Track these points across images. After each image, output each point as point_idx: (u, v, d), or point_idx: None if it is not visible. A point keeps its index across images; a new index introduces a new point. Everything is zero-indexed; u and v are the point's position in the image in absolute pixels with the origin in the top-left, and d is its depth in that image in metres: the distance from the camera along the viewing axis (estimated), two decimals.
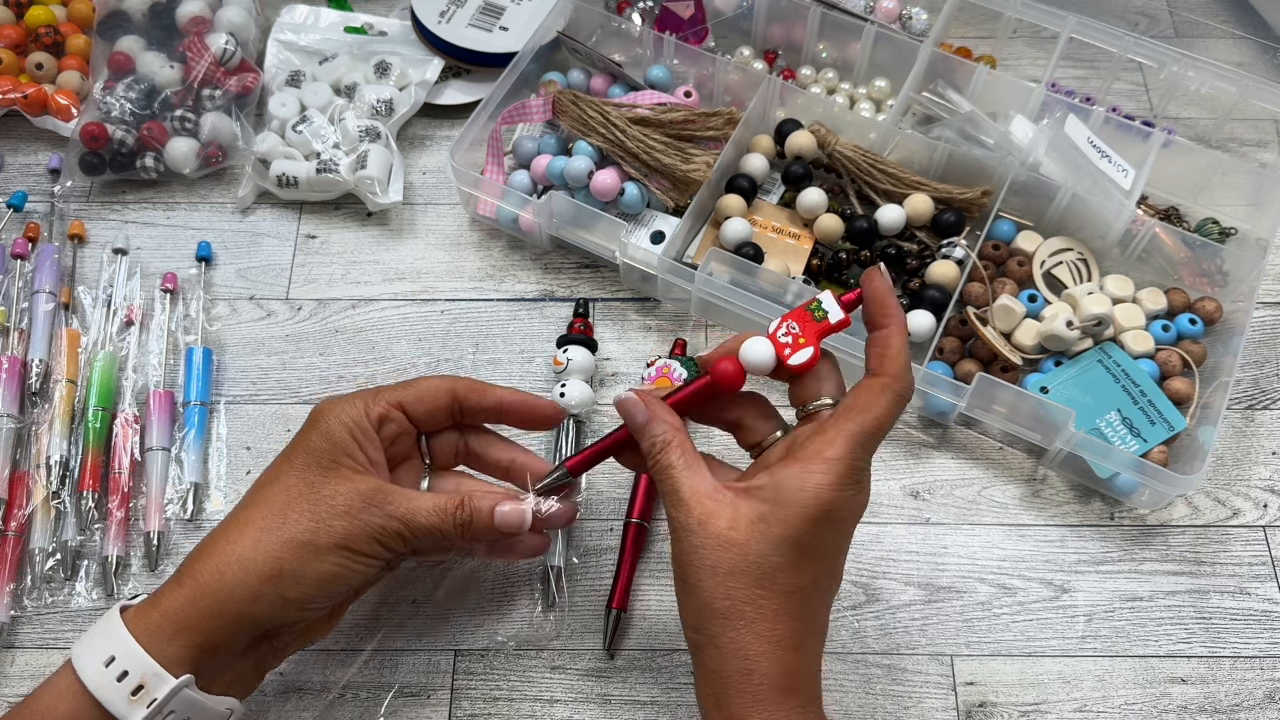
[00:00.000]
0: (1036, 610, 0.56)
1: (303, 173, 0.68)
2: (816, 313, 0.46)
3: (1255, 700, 0.54)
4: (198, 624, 0.43)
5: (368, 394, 0.49)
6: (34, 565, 0.56)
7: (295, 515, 0.45)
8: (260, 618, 0.44)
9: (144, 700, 0.42)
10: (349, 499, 0.45)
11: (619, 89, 0.72)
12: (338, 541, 0.44)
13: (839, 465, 0.42)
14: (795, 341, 0.46)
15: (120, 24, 0.73)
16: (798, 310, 0.47)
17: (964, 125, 0.69)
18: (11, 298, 0.64)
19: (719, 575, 0.42)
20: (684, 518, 0.43)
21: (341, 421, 0.47)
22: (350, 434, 0.47)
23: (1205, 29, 0.80)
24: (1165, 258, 0.65)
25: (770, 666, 0.42)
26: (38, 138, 0.73)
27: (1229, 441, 0.62)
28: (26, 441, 0.59)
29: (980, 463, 0.61)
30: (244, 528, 0.45)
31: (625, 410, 0.46)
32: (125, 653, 0.42)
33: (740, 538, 0.42)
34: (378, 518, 0.45)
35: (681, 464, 0.44)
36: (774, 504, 0.42)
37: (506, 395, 0.51)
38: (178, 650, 0.43)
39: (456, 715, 0.53)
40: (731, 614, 0.42)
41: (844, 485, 0.42)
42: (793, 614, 0.43)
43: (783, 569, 0.43)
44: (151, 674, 0.42)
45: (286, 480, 0.46)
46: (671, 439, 0.45)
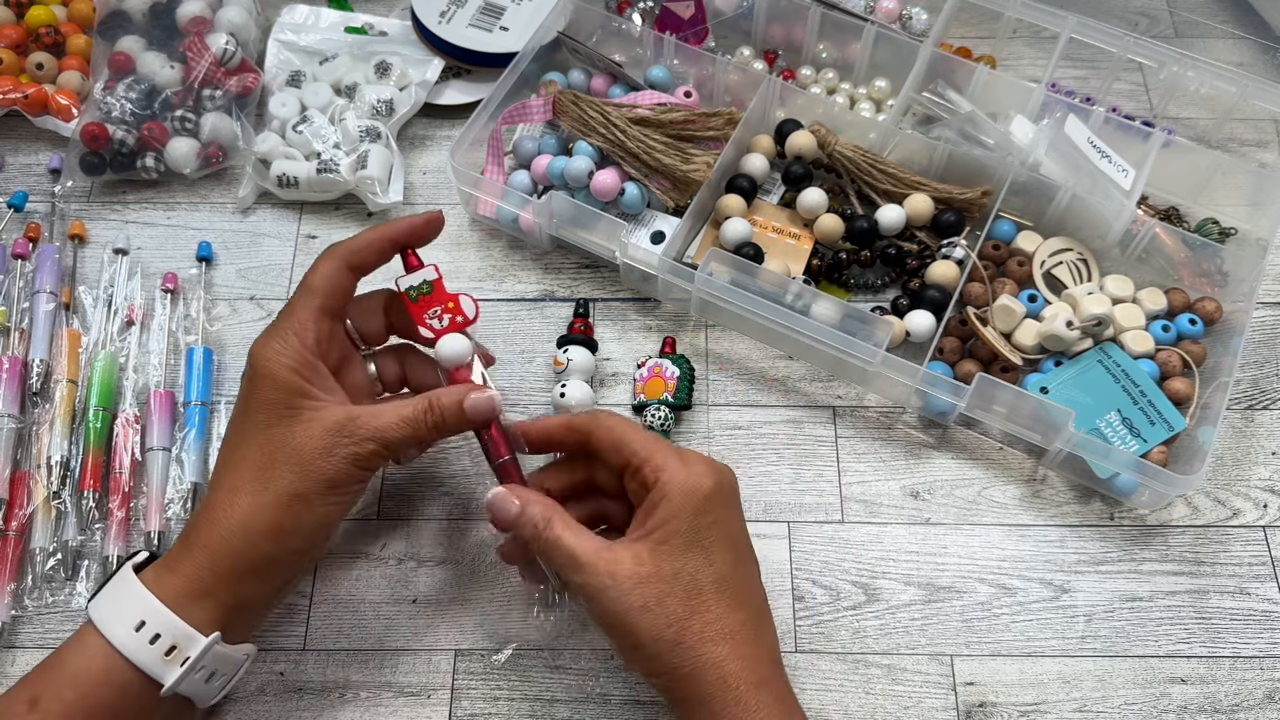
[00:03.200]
0: (1036, 610, 0.56)
1: (303, 173, 0.68)
2: (421, 290, 0.51)
3: (1255, 700, 0.54)
4: (219, 587, 0.46)
5: (293, 322, 0.48)
6: (35, 565, 0.56)
7: (278, 473, 0.46)
8: (275, 573, 0.48)
9: (177, 659, 0.44)
10: (320, 439, 0.46)
11: (619, 89, 0.72)
12: (324, 485, 0.46)
13: (685, 461, 0.46)
14: (447, 309, 0.51)
15: (121, 24, 0.73)
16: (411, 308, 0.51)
17: (964, 125, 0.69)
18: (12, 298, 0.64)
19: (651, 609, 0.44)
20: (594, 578, 0.44)
21: (283, 364, 0.47)
22: (297, 373, 0.47)
23: (1205, 29, 0.80)
24: (1165, 258, 0.65)
25: (739, 665, 0.44)
26: (38, 138, 0.73)
27: (1229, 442, 0.62)
28: (27, 441, 0.59)
29: (980, 463, 0.61)
30: (234, 494, 0.47)
31: (496, 507, 0.47)
32: (155, 617, 0.44)
33: (650, 567, 0.44)
34: (353, 447, 0.46)
35: (569, 534, 0.46)
36: (662, 525, 0.45)
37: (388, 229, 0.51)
38: (205, 612, 0.45)
39: (456, 715, 0.53)
40: (683, 635, 0.44)
41: (705, 471, 0.46)
42: (733, 604, 0.45)
43: (701, 569, 0.45)
44: (184, 635, 0.45)
45: (256, 438, 0.47)
46: (550, 515, 0.46)
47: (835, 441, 0.62)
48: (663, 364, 0.62)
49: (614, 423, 0.48)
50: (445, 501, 0.59)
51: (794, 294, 0.61)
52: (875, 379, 0.62)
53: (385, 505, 0.59)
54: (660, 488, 0.46)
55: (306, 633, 0.55)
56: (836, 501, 0.60)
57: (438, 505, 0.59)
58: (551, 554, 0.46)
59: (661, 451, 0.47)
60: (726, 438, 0.62)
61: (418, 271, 0.51)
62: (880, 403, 0.63)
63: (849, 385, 0.64)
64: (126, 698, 0.44)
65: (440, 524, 0.59)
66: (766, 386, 0.64)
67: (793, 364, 0.64)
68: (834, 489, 0.60)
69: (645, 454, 0.47)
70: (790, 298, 0.61)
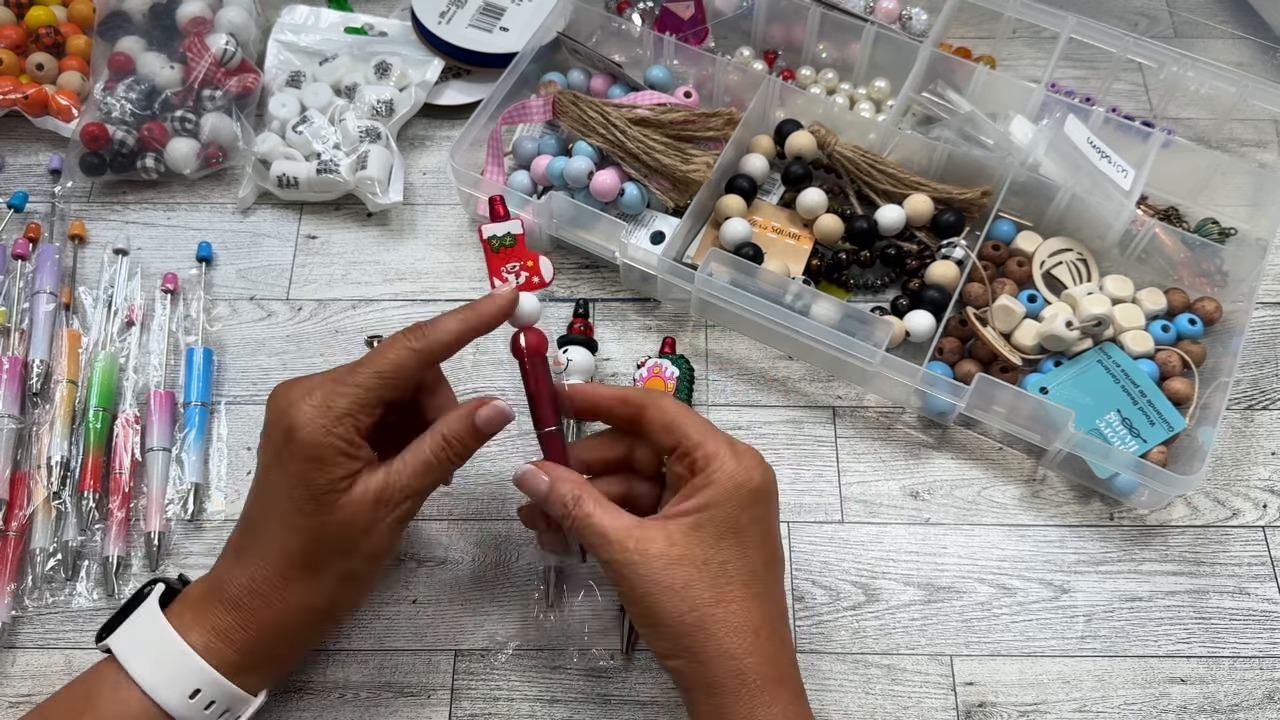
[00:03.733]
0: (1036, 610, 0.56)
1: (303, 173, 0.68)
2: (504, 241, 0.50)
3: (1255, 700, 0.54)
4: (274, 656, 0.48)
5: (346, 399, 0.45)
6: (35, 565, 0.56)
7: (328, 561, 0.46)
8: (319, 641, 0.51)
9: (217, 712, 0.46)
10: (364, 519, 0.46)
11: (619, 89, 0.72)
12: (371, 559, 0.47)
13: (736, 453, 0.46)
14: (526, 266, 0.50)
15: (121, 24, 0.73)
16: (490, 257, 0.49)
17: (964, 125, 0.69)
18: (12, 298, 0.64)
19: (676, 591, 0.43)
20: (622, 554, 0.44)
21: (330, 443, 0.44)
22: (341, 453, 0.45)
23: (1205, 29, 0.80)
24: (1165, 258, 0.65)
25: (757, 661, 0.44)
26: (38, 138, 0.73)
27: (1228, 442, 0.62)
28: (27, 442, 0.59)
29: (980, 463, 0.61)
30: (286, 582, 0.46)
31: (527, 484, 0.47)
32: (215, 689, 0.45)
33: (682, 549, 0.44)
34: (393, 513, 0.46)
35: (599, 511, 0.45)
36: (700, 510, 0.45)
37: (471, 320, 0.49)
38: (258, 679, 0.47)
39: (456, 715, 0.53)
40: (704, 622, 0.43)
41: (755, 465, 0.46)
42: (757, 598, 0.45)
43: (732, 561, 0.45)
44: (238, 700, 0.46)
45: (296, 524, 0.45)
46: (579, 493, 0.46)
47: (835, 441, 0.62)
48: (662, 364, 0.62)
49: (668, 404, 0.48)
50: (445, 501, 0.59)
51: (794, 294, 0.61)
52: (875, 379, 0.62)
53: None
54: (708, 474, 0.45)
55: None
56: (836, 502, 0.60)
57: (438, 505, 0.59)
58: (582, 531, 0.46)
59: (714, 438, 0.47)
60: None
61: (504, 222, 0.50)
62: (880, 403, 0.63)
63: (849, 385, 0.64)
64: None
65: (440, 524, 0.59)
66: (766, 386, 0.64)
67: (793, 364, 0.64)
68: (834, 489, 0.60)
69: (698, 438, 0.46)
70: (790, 298, 0.61)
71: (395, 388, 0.46)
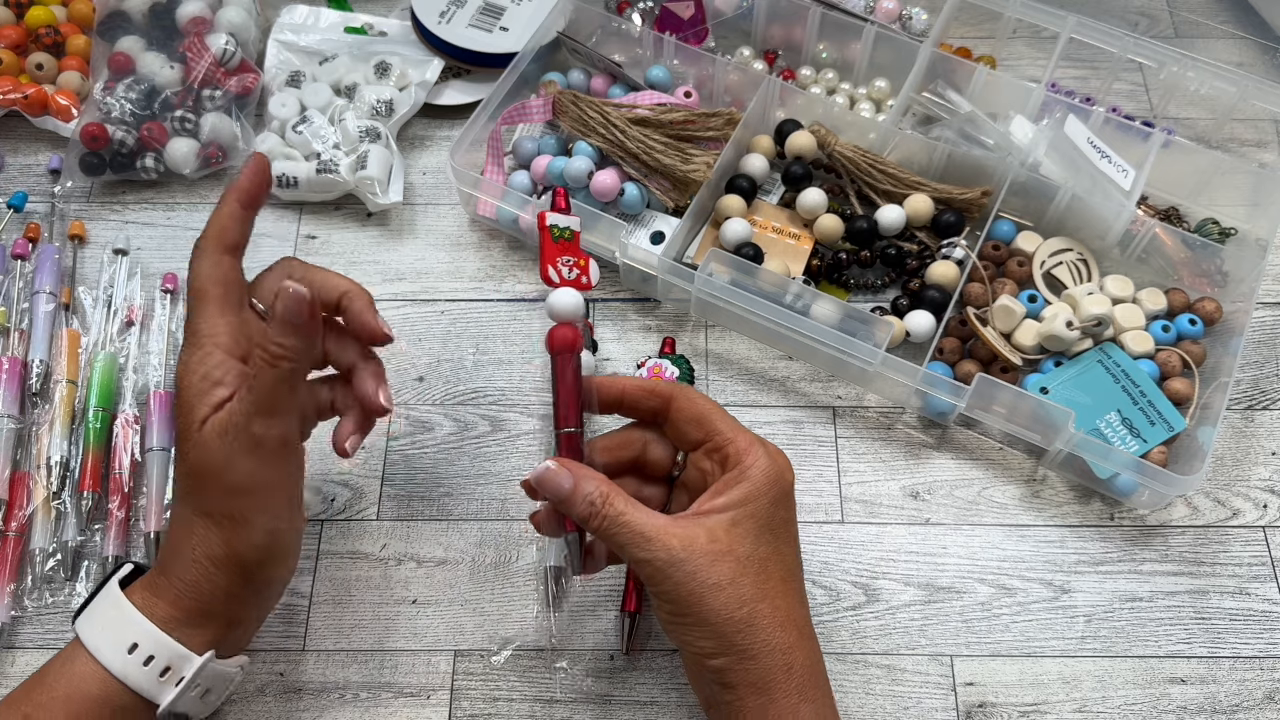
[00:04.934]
0: (1036, 611, 0.56)
1: (303, 173, 0.68)
2: (564, 233, 0.49)
3: (1255, 700, 0.54)
4: (207, 609, 0.45)
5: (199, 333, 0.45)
6: (34, 566, 0.56)
7: (207, 497, 0.45)
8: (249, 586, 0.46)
9: (172, 680, 0.44)
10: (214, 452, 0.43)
11: (619, 89, 0.72)
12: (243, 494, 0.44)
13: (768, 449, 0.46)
14: (578, 264, 0.49)
15: (120, 24, 0.73)
16: (549, 245, 0.48)
17: (964, 125, 0.69)
18: (12, 298, 0.64)
19: (724, 588, 0.43)
20: (664, 553, 0.43)
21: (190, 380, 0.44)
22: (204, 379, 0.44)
23: (1205, 29, 0.80)
24: (1165, 258, 0.65)
25: (804, 656, 0.44)
26: (38, 138, 0.73)
27: (1229, 442, 0.62)
28: (27, 442, 0.59)
29: (980, 463, 0.61)
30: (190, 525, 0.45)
31: (548, 484, 0.44)
32: (147, 639, 0.44)
33: (725, 545, 0.43)
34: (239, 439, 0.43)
35: (630, 509, 0.44)
36: (738, 505, 0.44)
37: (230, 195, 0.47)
38: (200, 633, 0.45)
39: (456, 715, 0.53)
40: (754, 618, 0.43)
41: (787, 465, 0.46)
42: (797, 597, 0.45)
43: (771, 558, 0.44)
44: (177, 657, 0.44)
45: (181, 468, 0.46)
46: (607, 491, 0.44)
47: (835, 442, 0.62)
48: (662, 364, 0.62)
49: (697, 396, 0.48)
50: (445, 502, 0.59)
51: (794, 294, 0.61)
52: (875, 379, 0.62)
53: (385, 505, 0.59)
54: (743, 469, 0.45)
55: (306, 633, 0.55)
56: (836, 502, 0.60)
57: (438, 505, 0.59)
58: (615, 531, 0.43)
59: (746, 434, 0.46)
60: None
61: (566, 216, 0.50)
62: (880, 403, 0.63)
63: (849, 385, 0.64)
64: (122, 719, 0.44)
65: (440, 524, 0.59)
66: (766, 386, 0.64)
67: (793, 364, 0.64)
68: (834, 489, 0.60)
69: (731, 433, 0.46)
70: (790, 298, 0.61)
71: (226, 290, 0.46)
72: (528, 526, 0.58)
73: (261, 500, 0.45)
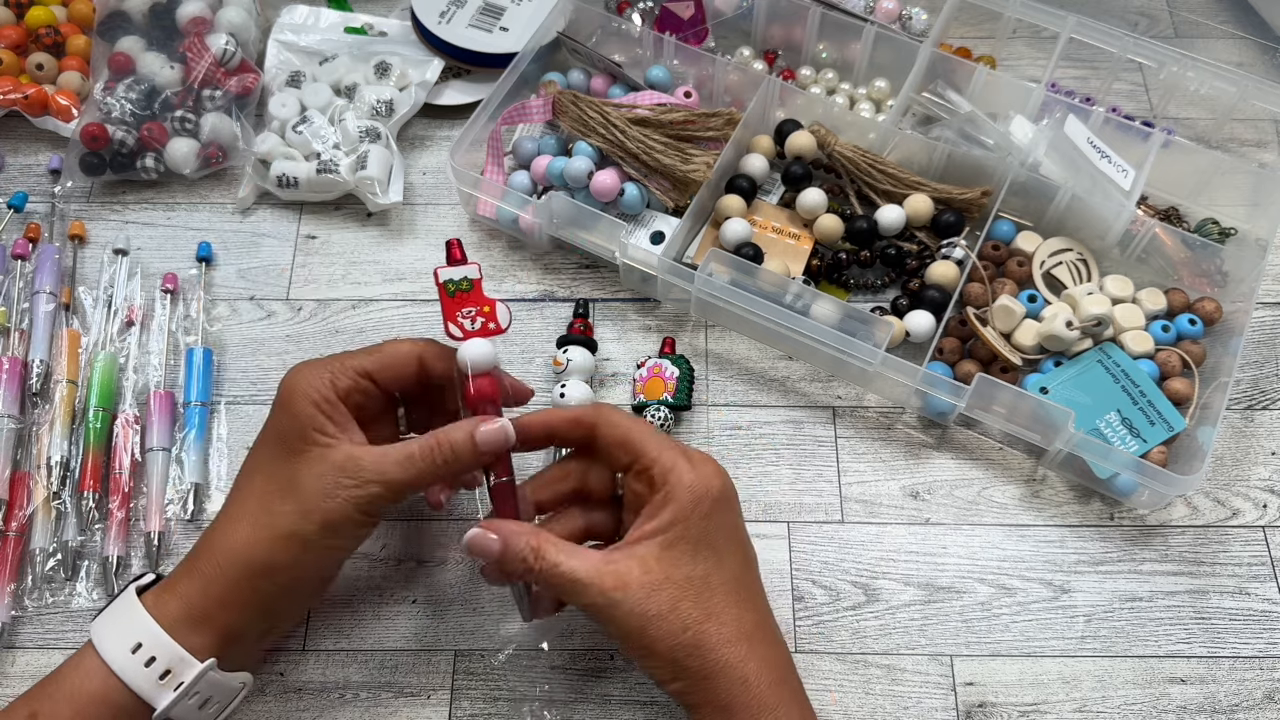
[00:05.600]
0: (1036, 610, 0.56)
1: (303, 173, 0.68)
2: (461, 285, 0.48)
3: (1255, 700, 0.54)
4: (215, 614, 0.45)
5: (334, 363, 0.48)
6: (35, 566, 0.56)
7: (279, 507, 0.45)
8: (268, 607, 0.47)
9: (171, 684, 0.44)
10: (324, 479, 0.45)
11: (619, 89, 0.72)
12: (323, 527, 0.45)
13: (692, 462, 0.45)
14: (481, 312, 0.48)
15: (120, 24, 0.73)
16: (446, 301, 0.48)
17: (964, 125, 0.69)
18: (12, 298, 0.64)
19: (665, 616, 0.43)
20: (601, 596, 0.43)
21: (307, 396, 0.46)
22: (317, 408, 0.46)
23: (1205, 29, 0.80)
24: (1165, 258, 0.65)
25: (757, 665, 0.44)
26: (38, 138, 0.73)
27: (1228, 442, 0.62)
28: (27, 442, 0.59)
29: (980, 463, 0.61)
30: (237, 522, 0.46)
31: (479, 548, 0.45)
32: (152, 639, 0.44)
33: (660, 573, 0.44)
34: (355, 489, 0.45)
35: (564, 557, 0.44)
36: (668, 528, 0.44)
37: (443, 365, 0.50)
38: (201, 638, 0.45)
39: (456, 715, 0.53)
40: (701, 639, 0.43)
41: (714, 473, 0.46)
42: (747, 605, 0.45)
43: (712, 573, 0.44)
44: (178, 659, 0.44)
45: (266, 469, 0.47)
46: (536, 543, 0.45)
47: (835, 441, 0.62)
48: (662, 364, 0.62)
49: (618, 418, 0.48)
50: None
51: (794, 294, 0.61)
52: (875, 379, 0.62)
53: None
54: (668, 490, 0.45)
55: (306, 633, 0.55)
56: (836, 502, 0.60)
57: None
58: (550, 581, 0.44)
59: (669, 451, 0.46)
60: (726, 438, 0.62)
61: (461, 266, 0.49)
62: (880, 403, 0.63)
63: (849, 385, 0.64)
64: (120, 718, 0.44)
65: (440, 524, 0.59)
66: (766, 386, 0.64)
67: (793, 364, 0.64)
68: (834, 489, 0.60)
69: (654, 453, 0.46)
70: (790, 298, 0.61)
71: (386, 369, 0.48)
72: None
73: (333, 542, 0.46)
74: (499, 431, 0.46)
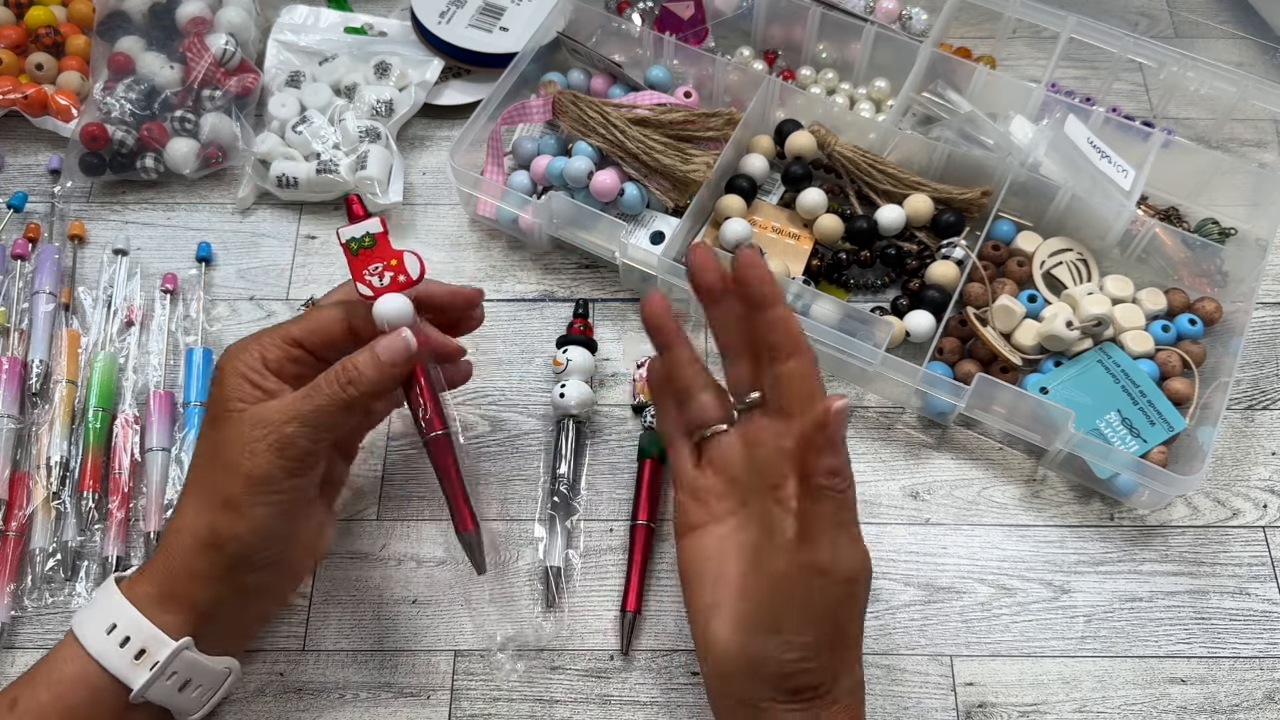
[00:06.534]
0: (1036, 611, 0.56)
1: (303, 173, 0.68)
2: (363, 242, 0.47)
3: (1255, 700, 0.54)
4: (181, 592, 0.45)
5: (264, 336, 0.48)
6: (34, 566, 0.56)
7: (213, 476, 0.46)
8: (229, 580, 0.46)
9: (146, 663, 0.44)
10: (241, 436, 0.45)
11: (619, 89, 0.72)
12: (249, 484, 0.44)
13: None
14: (389, 266, 0.47)
15: (120, 24, 0.73)
16: (351, 261, 0.47)
17: (964, 125, 0.69)
18: (12, 298, 0.64)
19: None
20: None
21: (236, 371, 0.46)
22: (244, 379, 0.46)
23: (1205, 29, 0.80)
24: (1165, 258, 0.65)
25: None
26: (38, 138, 0.73)
27: (1229, 442, 0.62)
28: (27, 442, 0.59)
29: (980, 463, 0.61)
30: (185, 499, 0.47)
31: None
32: (125, 619, 0.44)
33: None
34: (270, 434, 0.44)
35: None
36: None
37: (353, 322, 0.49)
38: (173, 617, 0.45)
39: (456, 715, 0.53)
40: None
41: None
42: None
43: None
44: (151, 638, 0.44)
45: (202, 445, 0.47)
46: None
47: None
48: None
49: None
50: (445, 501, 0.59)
51: (794, 294, 0.61)
52: (875, 379, 0.62)
53: (385, 505, 0.59)
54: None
55: (306, 633, 0.55)
56: None
57: (438, 505, 0.59)
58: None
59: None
60: None
61: (361, 222, 0.47)
62: (880, 403, 0.63)
63: (849, 385, 0.64)
64: (99, 702, 0.44)
65: (440, 524, 0.59)
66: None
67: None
68: None
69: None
70: (790, 298, 0.60)
71: (314, 334, 0.48)
72: (527, 527, 0.58)
73: (266, 499, 0.45)
74: (395, 338, 0.46)
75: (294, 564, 0.50)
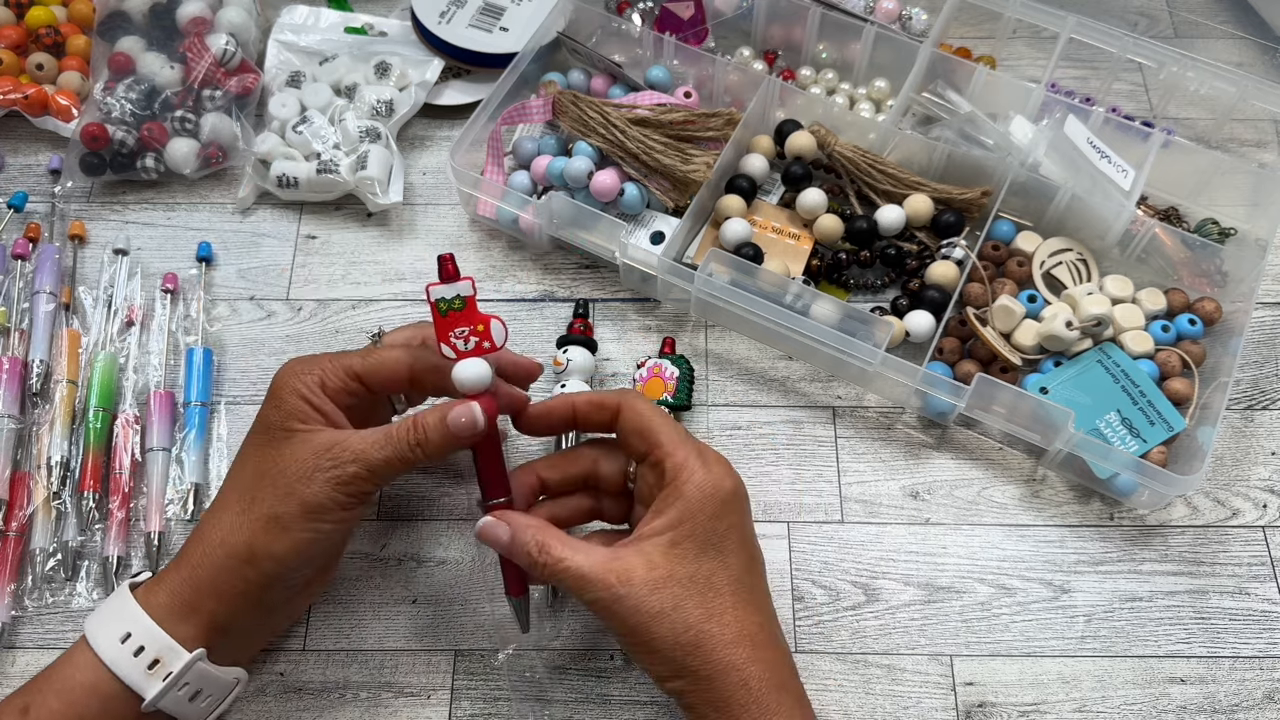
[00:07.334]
0: (1036, 610, 0.56)
1: (303, 173, 0.68)
2: (453, 304, 0.47)
3: (1255, 700, 0.54)
4: (202, 603, 0.46)
5: (326, 362, 0.48)
6: (35, 566, 0.56)
7: (261, 493, 0.46)
8: (255, 595, 0.46)
9: (160, 674, 0.44)
10: (304, 461, 0.45)
11: (619, 89, 0.72)
12: (302, 509, 0.45)
13: (705, 461, 0.46)
14: (475, 331, 0.47)
15: (121, 24, 0.73)
16: (438, 321, 0.47)
17: (964, 125, 0.69)
18: (12, 298, 0.64)
19: (668, 614, 0.43)
20: (605, 591, 0.43)
21: (295, 390, 0.47)
22: (304, 400, 0.47)
23: (1205, 29, 0.80)
24: (1165, 258, 0.65)
25: (760, 668, 0.43)
26: (38, 138, 0.73)
27: (1228, 442, 0.62)
28: (27, 442, 0.59)
29: (980, 463, 0.61)
30: (222, 511, 0.47)
31: (488, 535, 0.46)
32: (141, 629, 0.45)
33: (664, 570, 0.44)
34: (334, 470, 0.45)
35: (569, 552, 0.44)
36: (675, 525, 0.44)
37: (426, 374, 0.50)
38: (189, 629, 0.45)
39: (456, 715, 0.53)
40: (701, 639, 0.43)
41: (725, 473, 0.46)
42: (751, 607, 0.45)
43: (716, 572, 0.44)
44: (166, 649, 0.44)
45: (252, 457, 0.47)
46: (542, 538, 0.45)
47: (835, 442, 0.62)
48: (662, 364, 0.62)
49: (642, 406, 0.48)
50: (445, 501, 0.59)
51: (794, 294, 0.61)
52: (875, 379, 0.62)
53: (385, 505, 0.59)
54: (677, 486, 0.45)
55: (306, 633, 0.55)
56: (836, 502, 0.60)
57: (438, 505, 0.59)
58: (555, 577, 0.45)
59: (684, 446, 0.46)
60: (726, 438, 0.62)
61: (454, 284, 0.46)
62: (880, 403, 0.63)
63: (849, 385, 0.64)
64: (109, 710, 0.45)
65: (440, 524, 0.59)
66: (766, 386, 0.64)
67: (792, 364, 0.64)
68: (834, 489, 0.60)
69: (669, 447, 0.46)
70: (790, 298, 0.61)
71: (376, 374, 0.48)
72: None
73: (315, 526, 0.46)
74: (467, 412, 0.46)
75: (316, 585, 0.52)
